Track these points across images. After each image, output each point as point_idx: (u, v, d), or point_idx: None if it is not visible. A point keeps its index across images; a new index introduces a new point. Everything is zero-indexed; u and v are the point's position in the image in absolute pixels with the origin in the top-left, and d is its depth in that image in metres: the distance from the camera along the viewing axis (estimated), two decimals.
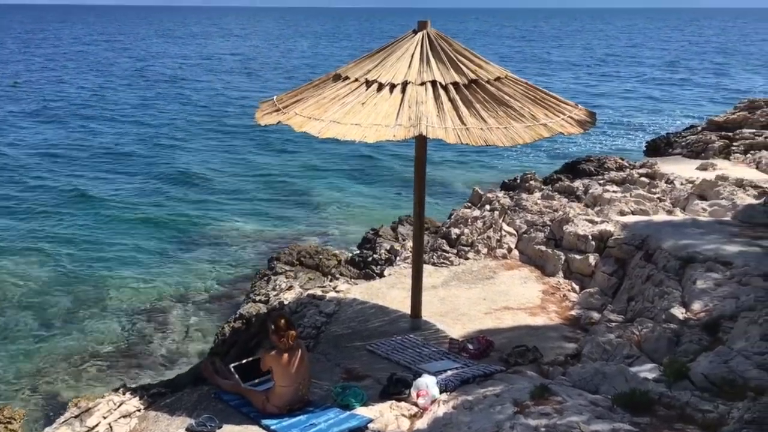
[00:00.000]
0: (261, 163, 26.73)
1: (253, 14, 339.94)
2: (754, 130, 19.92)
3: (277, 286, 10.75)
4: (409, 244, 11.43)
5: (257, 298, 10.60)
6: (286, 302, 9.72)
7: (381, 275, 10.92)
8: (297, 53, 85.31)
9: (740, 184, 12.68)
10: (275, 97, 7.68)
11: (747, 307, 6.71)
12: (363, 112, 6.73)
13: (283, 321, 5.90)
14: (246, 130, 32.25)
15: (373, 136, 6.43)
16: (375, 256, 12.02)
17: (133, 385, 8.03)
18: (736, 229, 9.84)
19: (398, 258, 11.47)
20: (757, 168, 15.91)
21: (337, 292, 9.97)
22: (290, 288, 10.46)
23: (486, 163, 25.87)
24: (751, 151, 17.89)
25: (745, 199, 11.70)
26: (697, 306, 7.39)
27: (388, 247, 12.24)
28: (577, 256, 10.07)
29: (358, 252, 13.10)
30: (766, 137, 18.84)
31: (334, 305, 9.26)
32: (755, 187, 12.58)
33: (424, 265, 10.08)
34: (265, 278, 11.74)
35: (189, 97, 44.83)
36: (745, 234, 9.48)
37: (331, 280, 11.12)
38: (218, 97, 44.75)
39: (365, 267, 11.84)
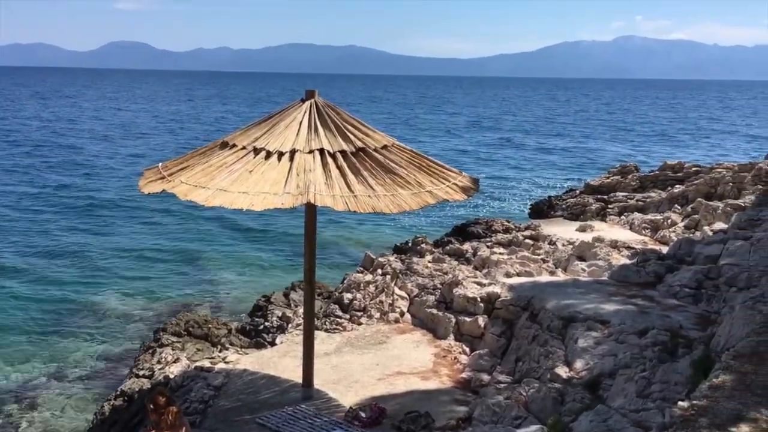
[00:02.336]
0: (145, 230, 25.81)
1: (141, 77, 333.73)
2: (626, 194, 21.36)
3: (163, 359, 10.26)
4: (302, 310, 11.29)
5: (141, 372, 10.06)
6: (171, 376, 9.30)
7: (272, 344, 10.70)
8: (181, 117, 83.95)
9: (615, 245, 13.45)
10: (160, 165, 7.53)
11: (624, 364, 7.03)
12: (251, 179, 6.70)
13: (162, 398, 5.62)
14: (129, 196, 31.14)
15: (260, 204, 6.39)
16: (266, 323, 11.78)
17: None
18: (613, 288, 10.37)
19: (290, 325, 11.29)
20: (630, 229, 16.96)
21: (227, 363, 9.66)
22: (176, 360, 10.02)
23: (380, 225, 26.20)
24: (625, 213, 19.10)
25: (620, 259, 12.40)
26: (579, 365, 7.67)
27: (279, 315, 12.03)
28: (467, 319, 10.27)
29: (249, 320, 12.79)
30: (637, 200, 20.21)
31: (223, 377, 8.95)
32: (628, 248, 13.38)
33: (317, 332, 9.99)
34: (150, 351, 11.19)
35: (64, 161, 42.91)
36: (620, 293, 10.01)
37: (220, 351, 10.76)
38: (93, 162, 42.95)
39: (256, 335, 11.56)
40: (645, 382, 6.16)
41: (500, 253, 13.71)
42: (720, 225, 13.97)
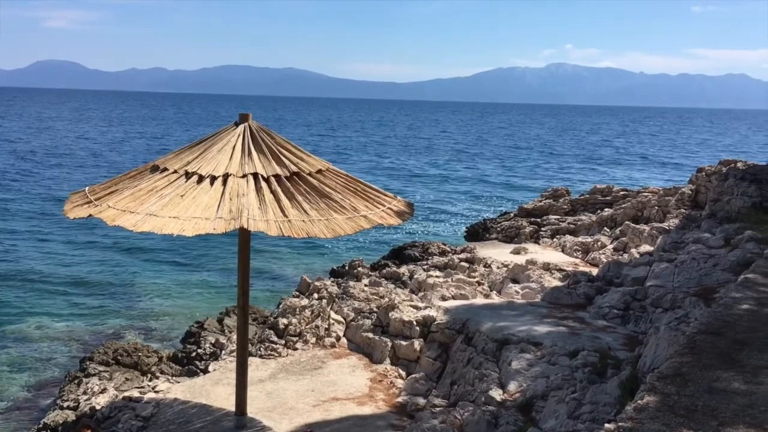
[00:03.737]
0: (71, 256, 24.90)
1: (70, 96, 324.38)
2: (558, 217, 21.89)
3: (89, 389, 9.88)
4: (236, 336, 11.08)
5: (65, 404, 9.65)
6: (98, 407, 8.95)
7: (205, 371, 10.45)
8: (110, 139, 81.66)
9: (547, 267, 13.73)
10: (87, 189, 7.30)
11: (555, 386, 7.15)
12: (182, 204, 6.56)
13: (87, 430, 5.41)
14: (53, 221, 30.04)
15: (191, 229, 6.26)
16: (199, 350, 11.51)
17: None
18: (545, 310, 10.57)
19: (224, 352, 11.06)
20: (562, 251, 17.37)
21: (157, 392, 9.37)
22: (103, 390, 9.66)
23: (317, 249, 26.03)
24: (557, 236, 19.56)
25: (552, 281, 12.66)
26: (512, 387, 7.76)
27: (213, 341, 11.78)
28: (403, 342, 10.27)
29: (181, 347, 12.46)
30: (569, 223, 20.74)
31: (153, 407, 8.66)
32: (560, 270, 13.67)
33: (252, 358, 9.80)
34: (76, 381, 10.76)
35: None
36: (553, 315, 10.21)
37: (150, 380, 10.45)
38: (10, 186, 41.31)
39: (188, 363, 11.27)
40: (575, 404, 6.27)
41: (436, 276, 13.82)
42: (646, 247, 14.45)
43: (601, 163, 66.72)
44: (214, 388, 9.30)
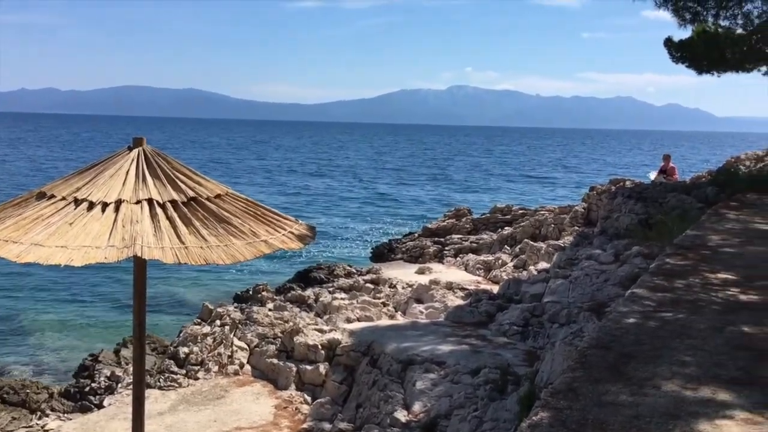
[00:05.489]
0: None
1: None
2: (461, 236, 22.39)
3: None
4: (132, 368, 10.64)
5: None
6: None
7: (100, 406, 9.98)
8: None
9: (450, 286, 13.98)
10: None
11: (458, 404, 7.26)
12: (71, 233, 6.24)
13: None
14: None
15: (81, 259, 5.95)
16: (93, 384, 10.96)
17: None
18: (449, 329, 10.74)
19: (120, 385, 10.59)
20: (465, 270, 17.76)
21: (47, 431, 8.86)
22: None
23: (220, 274, 25.42)
24: (460, 255, 19.99)
25: (455, 300, 12.90)
26: (417, 407, 7.82)
27: (108, 374, 11.26)
28: (308, 367, 10.17)
29: (74, 382, 11.83)
30: (471, 242, 21.24)
31: None
32: (462, 289, 13.96)
33: (150, 390, 9.45)
34: None
35: None
36: (456, 333, 10.39)
37: (39, 418, 9.87)
38: None
39: (82, 398, 10.72)
40: (477, 421, 6.39)
41: (342, 299, 13.79)
42: (543, 264, 14.99)
43: (502, 182, 68.89)
44: (109, 424, 8.88)
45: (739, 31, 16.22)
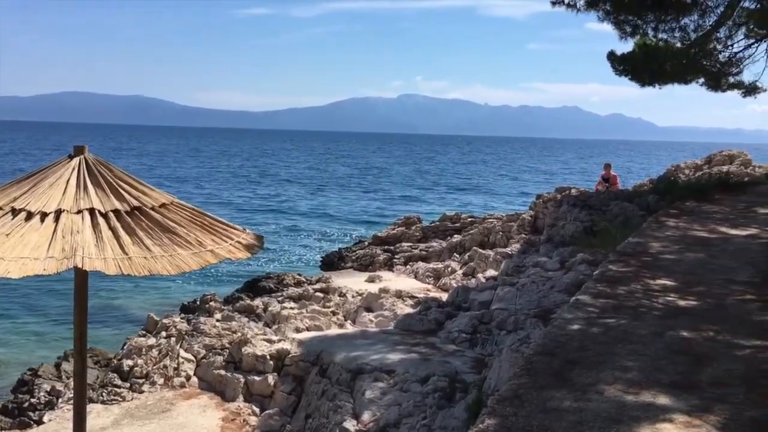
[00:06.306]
0: None
1: None
2: (411, 244, 22.47)
3: None
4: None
5: None
6: None
7: (39, 422, 9.66)
8: None
9: (399, 295, 14.02)
10: None
11: (407, 413, 7.27)
12: (7, 244, 6.03)
13: None
14: None
15: (18, 271, 5.76)
16: (32, 400, 10.58)
17: None
18: (398, 337, 10.76)
19: (61, 400, 10.28)
20: (415, 277, 17.83)
21: None
22: None
23: (167, 284, 24.92)
24: (410, 263, 20.06)
25: (404, 308, 12.93)
26: (366, 416, 7.80)
27: (48, 389, 10.89)
28: (257, 378, 10.05)
29: (11, 397, 11.41)
30: (421, 250, 21.35)
31: None
32: (412, 297, 14.01)
33: (93, 405, 9.21)
34: None
35: None
36: (405, 342, 10.41)
37: None
38: None
39: (20, 414, 10.33)
40: (426, 429, 6.40)
41: (291, 308, 13.66)
42: (492, 272, 15.16)
43: (450, 191, 69.49)
44: None
45: (678, 44, 16.77)
